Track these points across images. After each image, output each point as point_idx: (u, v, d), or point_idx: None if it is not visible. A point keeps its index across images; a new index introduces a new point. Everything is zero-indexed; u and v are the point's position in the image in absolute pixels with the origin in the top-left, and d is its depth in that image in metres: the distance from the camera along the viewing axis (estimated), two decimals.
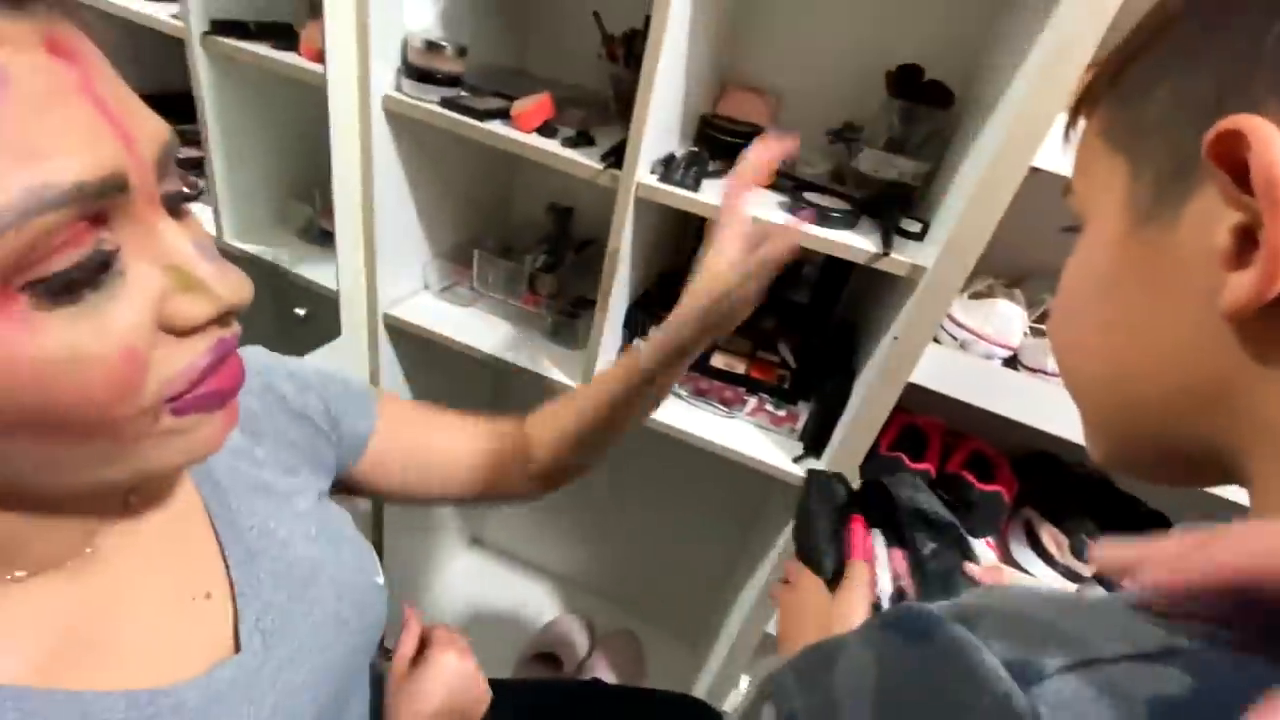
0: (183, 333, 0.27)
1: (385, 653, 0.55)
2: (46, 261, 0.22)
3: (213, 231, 0.98)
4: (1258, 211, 0.19)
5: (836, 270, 0.99)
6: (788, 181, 0.82)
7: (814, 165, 0.91)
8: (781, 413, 0.89)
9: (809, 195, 0.75)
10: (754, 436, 0.89)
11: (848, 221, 0.73)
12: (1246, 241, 0.20)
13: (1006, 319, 0.73)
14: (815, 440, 0.85)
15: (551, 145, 0.77)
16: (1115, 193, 0.26)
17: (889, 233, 0.71)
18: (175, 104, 0.95)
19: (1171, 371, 0.24)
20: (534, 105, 0.78)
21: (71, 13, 0.24)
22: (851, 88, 0.88)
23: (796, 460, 0.85)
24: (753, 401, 0.89)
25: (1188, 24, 0.24)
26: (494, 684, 0.77)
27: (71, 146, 0.22)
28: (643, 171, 0.74)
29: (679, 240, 1.04)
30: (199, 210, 0.56)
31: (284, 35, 0.83)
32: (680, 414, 0.89)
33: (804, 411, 0.88)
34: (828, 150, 0.92)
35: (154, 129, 0.26)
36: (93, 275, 0.23)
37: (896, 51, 0.83)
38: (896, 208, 0.74)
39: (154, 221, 0.26)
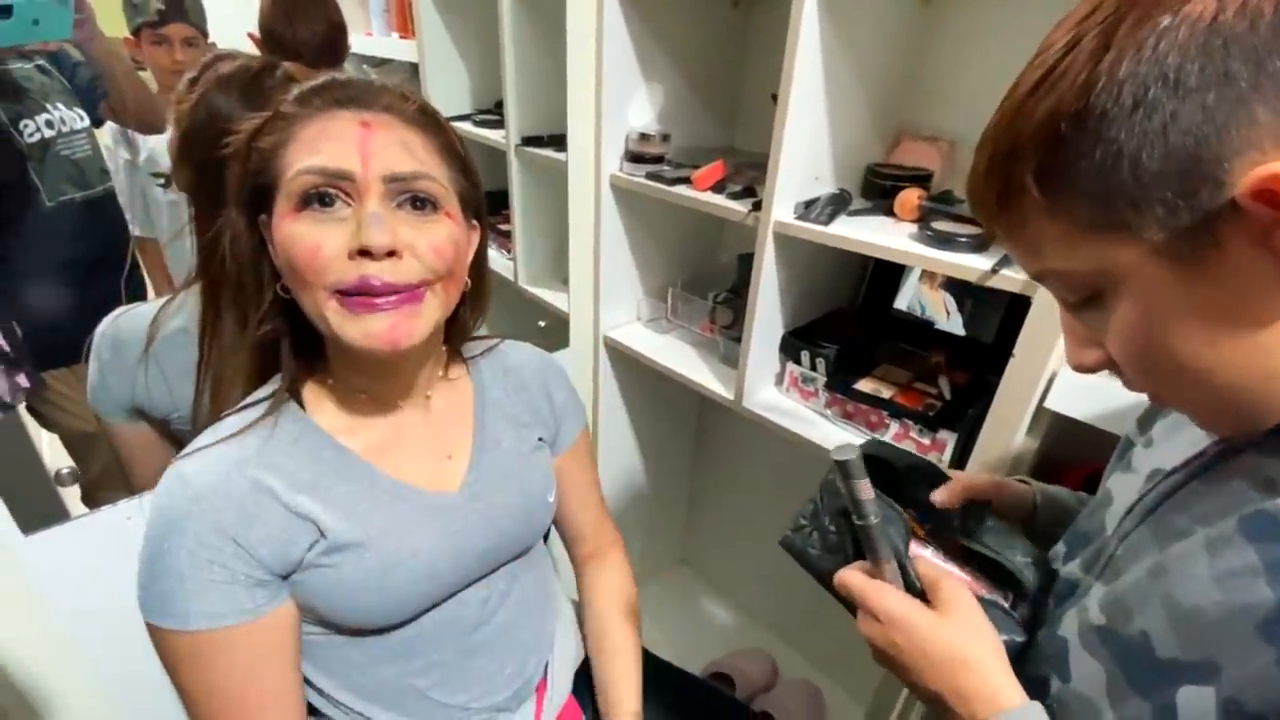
0: (350, 256, 0.48)
1: None
2: (306, 194, 0.48)
3: (510, 278, 1.43)
4: None
5: (1020, 309, 0.95)
6: (934, 214, 0.86)
7: None
8: (927, 440, 0.88)
9: (936, 224, 0.79)
10: None
11: (974, 246, 0.76)
12: None
13: None
14: (960, 468, 0.83)
15: (718, 199, 0.97)
16: (1138, 260, 0.31)
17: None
18: (498, 198, 1.43)
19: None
20: (708, 170, 1.00)
21: (402, 117, 0.52)
22: None
23: None
24: (895, 426, 0.91)
25: (1116, 119, 0.29)
26: (683, 676, 0.91)
27: (332, 154, 0.48)
28: (782, 212, 0.88)
29: (849, 282, 1.12)
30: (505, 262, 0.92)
31: (564, 142, 1.21)
32: (829, 434, 0.96)
33: (951, 440, 0.87)
34: None
35: (390, 163, 0.49)
36: (322, 205, 0.48)
37: None
38: None
39: (367, 200, 0.49)
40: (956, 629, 0.42)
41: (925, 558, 0.47)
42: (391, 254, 0.49)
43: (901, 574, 0.45)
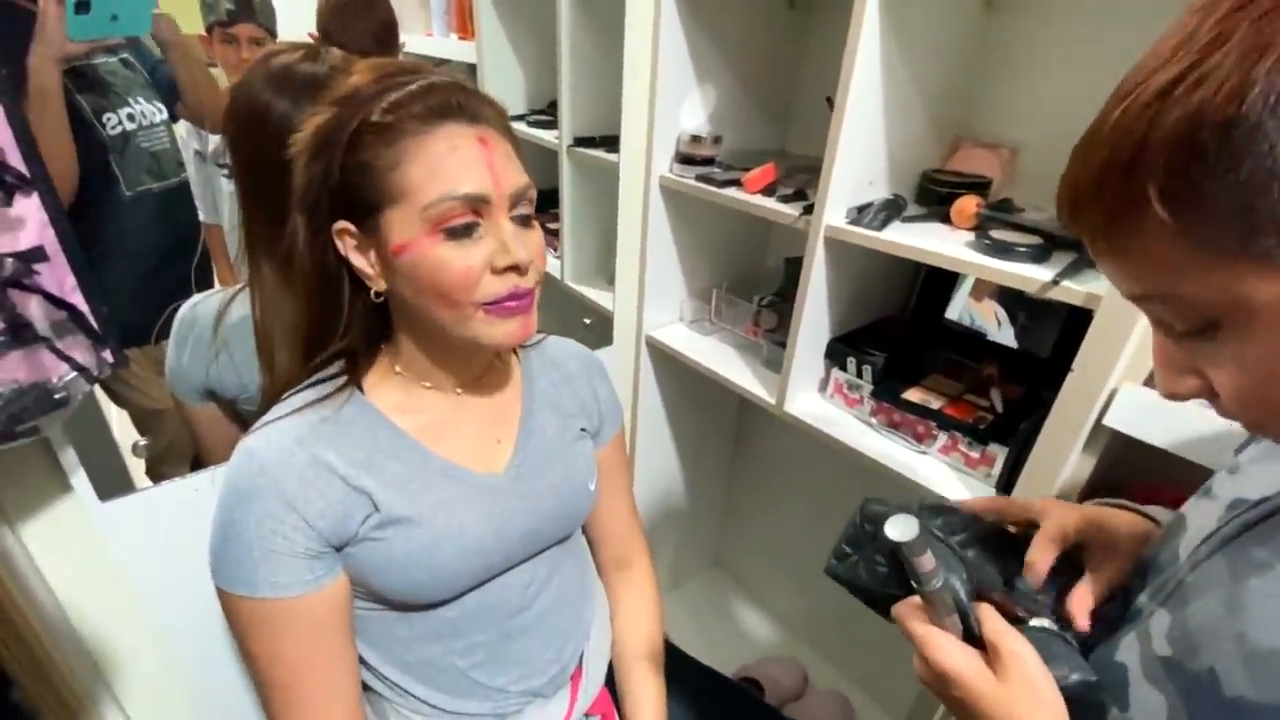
0: (497, 272, 0.52)
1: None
2: (450, 222, 0.51)
3: (557, 275, 1.45)
4: None
5: (1079, 323, 0.92)
6: (992, 222, 0.84)
7: (1045, 210, 0.90)
8: (976, 454, 0.87)
9: (994, 233, 0.78)
10: (945, 474, 0.88)
11: (1034, 256, 0.74)
12: None
13: None
14: (1009, 485, 0.81)
15: (768, 202, 0.97)
16: (1276, 295, 0.28)
17: (1074, 265, 0.70)
18: (547, 197, 1.45)
19: None
20: (759, 173, 1.00)
21: (498, 127, 0.55)
22: None
23: None
24: (943, 438, 0.89)
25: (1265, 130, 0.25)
26: (717, 679, 0.90)
27: (469, 179, 0.50)
28: (834, 216, 0.88)
29: (899, 290, 1.10)
30: (553, 260, 0.93)
31: (615, 143, 1.22)
32: (872, 444, 0.95)
33: (1002, 455, 0.85)
34: None
35: (513, 181, 0.53)
36: (467, 234, 0.52)
37: None
38: None
39: (500, 220, 0.52)
40: (1017, 697, 0.40)
41: (989, 613, 0.43)
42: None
43: (963, 623, 0.43)
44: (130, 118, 1.28)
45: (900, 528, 0.40)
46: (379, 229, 0.52)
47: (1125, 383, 0.68)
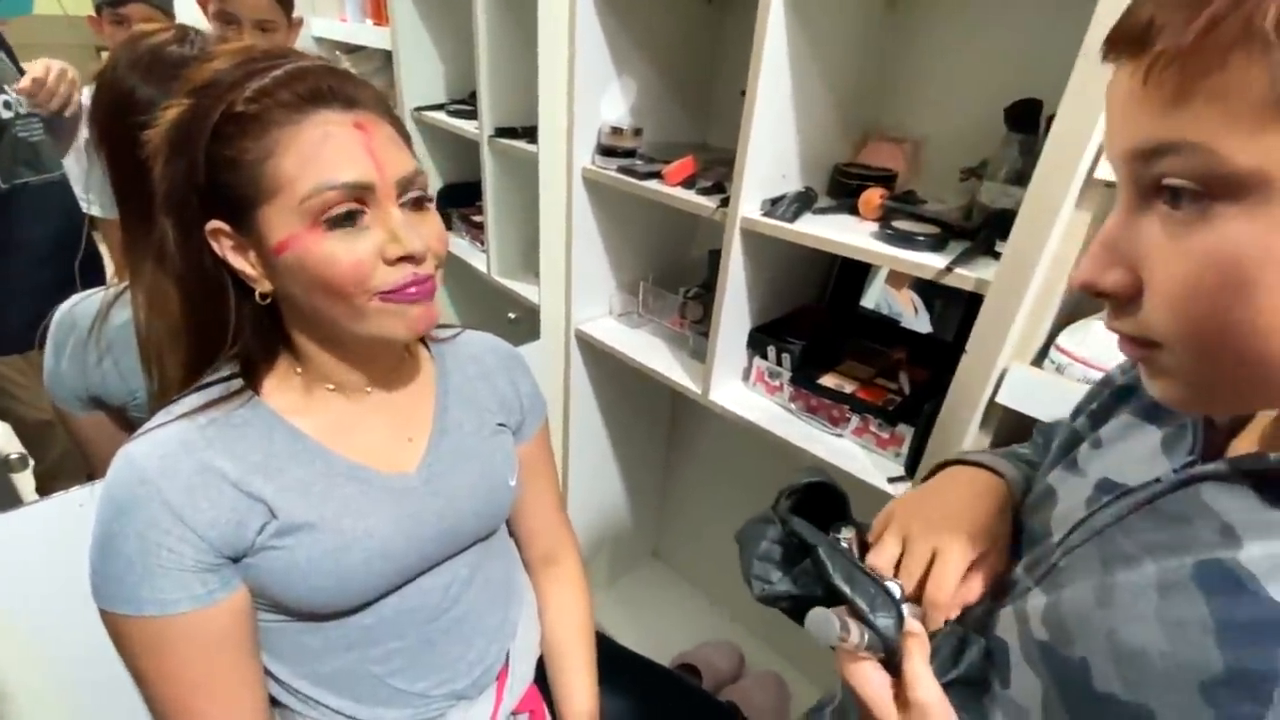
0: (390, 262, 0.50)
1: None
2: (330, 211, 0.48)
3: (484, 270, 1.42)
4: None
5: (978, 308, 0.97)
6: (895, 213, 0.88)
7: (946, 201, 0.95)
8: (886, 435, 0.91)
9: (896, 223, 0.81)
10: (859, 455, 0.92)
11: (932, 245, 0.78)
12: None
13: (1103, 342, 0.67)
14: (915, 463, 0.86)
15: (687, 194, 0.98)
16: None
17: (966, 253, 0.74)
18: (472, 189, 1.42)
19: None
20: (678, 165, 1.01)
21: (378, 111, 0.52)
22: (988, 127, 0.91)
23: (891, 481, 0.87)
24: (856, 420, 0.93)
25: None
26: (650, 667, 0.91)
27: (348, 168, 0.47)
28: (749, 208, 0.90)
29: (817, 280, 1.14)
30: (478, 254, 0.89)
31: (537, 134, 1.20)
32: (794, 430, 0.98)
33: (909, 435, 0.89)
34: (962, 188, 0.94)
35: (398, 166, 0.50)
36: (351, 223, 0.49)
37: (1033, 90, 0.84)
38: (986, 231, 0.76)
39: (389, 208, 0.50)
40: None
41: (912, 653, 0.41)
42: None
43: (883, 646, 0.41)
44: (7, 106, 1.18)
45: (821, 626, 0.40)
46: (256, 227, 0.49)
47: (1014, 362, 0.72)
